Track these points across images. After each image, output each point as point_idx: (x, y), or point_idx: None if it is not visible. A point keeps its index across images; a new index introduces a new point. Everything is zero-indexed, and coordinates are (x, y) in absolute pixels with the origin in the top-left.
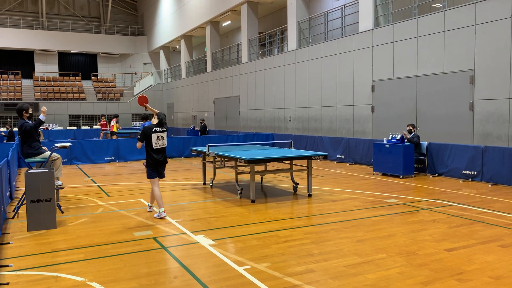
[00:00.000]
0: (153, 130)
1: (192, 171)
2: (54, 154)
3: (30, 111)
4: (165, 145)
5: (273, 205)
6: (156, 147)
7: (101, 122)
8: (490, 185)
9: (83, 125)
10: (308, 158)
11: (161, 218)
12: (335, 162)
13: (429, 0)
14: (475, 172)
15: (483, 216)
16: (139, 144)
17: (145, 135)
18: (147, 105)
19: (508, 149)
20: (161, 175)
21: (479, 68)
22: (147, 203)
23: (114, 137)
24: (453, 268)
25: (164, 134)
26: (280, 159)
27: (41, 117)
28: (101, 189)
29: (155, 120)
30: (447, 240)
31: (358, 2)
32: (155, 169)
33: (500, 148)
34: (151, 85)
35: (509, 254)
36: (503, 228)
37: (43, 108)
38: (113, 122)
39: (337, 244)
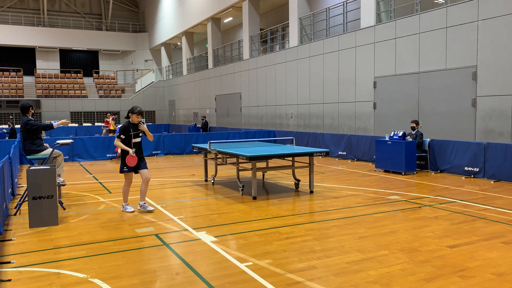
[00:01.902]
0: None
1: (193, 168)
2: (55, 151)
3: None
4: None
5: (275, 201)
6: None
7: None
8: (492, 182)
9: (84, 122)
10: (310, 154)
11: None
12: (337, 159)
13: None
14: (478, 169)
15: (486, 213)
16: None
17: None
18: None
19: (510, 145)
20: None
21: (481, 64)
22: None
23: (111, 134)
24: (455, 265)
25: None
26: (281, 156)
27: (55, 123)
28: (103, 186)
29: None
30: (449, 237)
31: None
32: None
33: (503, 145)
34: (153, 82)
35: None
36: (506, 224)
37: (65, 121)
38: (110, 120)
39: (339, 240)
